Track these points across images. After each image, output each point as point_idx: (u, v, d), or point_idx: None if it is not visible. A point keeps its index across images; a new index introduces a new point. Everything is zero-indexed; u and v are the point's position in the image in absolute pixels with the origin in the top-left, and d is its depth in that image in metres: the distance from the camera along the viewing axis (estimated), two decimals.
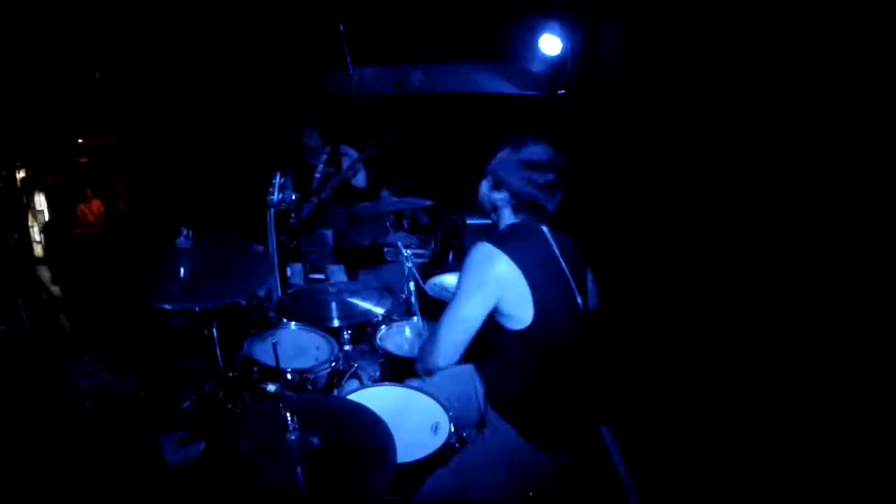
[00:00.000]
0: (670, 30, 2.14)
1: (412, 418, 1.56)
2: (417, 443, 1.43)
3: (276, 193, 2.29)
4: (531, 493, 1.50)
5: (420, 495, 1.35)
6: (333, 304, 2.21)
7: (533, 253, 1.43)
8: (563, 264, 1.48)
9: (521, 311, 1.36)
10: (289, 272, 3.53)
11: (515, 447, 1.45)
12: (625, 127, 2.47)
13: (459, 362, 1.52)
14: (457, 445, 1.49)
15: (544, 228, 1.53)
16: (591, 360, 1.53)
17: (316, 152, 3.73)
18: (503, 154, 1.52)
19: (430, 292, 2.37)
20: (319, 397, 1.73)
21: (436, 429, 1.51)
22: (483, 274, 1.37)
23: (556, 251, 1.49)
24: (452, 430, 1.49)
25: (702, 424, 1.81)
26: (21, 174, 6.52)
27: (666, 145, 2.19)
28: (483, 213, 1.63)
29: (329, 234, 3.70)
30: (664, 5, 2.18)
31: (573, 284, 1.48)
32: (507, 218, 1.53)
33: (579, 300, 1.50)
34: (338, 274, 3.54)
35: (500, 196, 1.51)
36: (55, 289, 4.03)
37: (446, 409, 1.57)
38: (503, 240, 1.44)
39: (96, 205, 7.17)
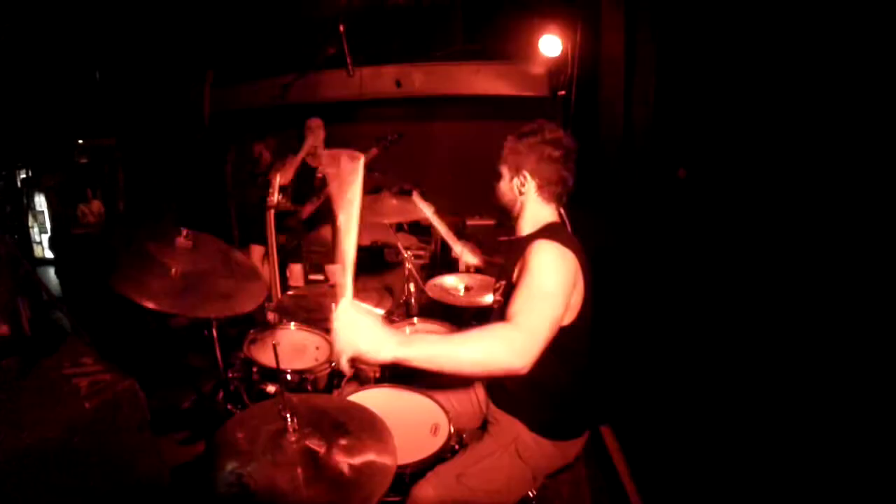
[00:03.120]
0: (673, 28, 2.14)
1: (412, 419, 1.56)
2: (417, 443, 1.43)
3: (276, 194, 2.29)
4: (531, 494, 1.51)
5: (420, 495, 1.35)
6: (333, 305, 2.20)
7: (581, 253, 1.37)
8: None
9: (570, 312, 1.32)
10: (288, 273, 3.53)
11: (521, 441, 1.45)
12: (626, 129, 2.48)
13: None
14: (456, 447, 1.50)
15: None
16: (598, 353, 1.54)
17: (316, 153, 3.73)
18: (518, 139, 1.47)
19: (430, 293, 2.37)
20: (319, 398, 1.73)
21: (435, 430, 1.51)
22: (569, 273, 1.29)
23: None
24: (452, 430, 1.49)
25: (701, 423, 1.81)
26: (21, 174, 6.52)
27: (667, 148, 2.20)
28: (504, 209, 1.56)
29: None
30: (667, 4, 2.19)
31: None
32: (533, 205, 1.48)
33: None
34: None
35: (522, 180, 1.45)
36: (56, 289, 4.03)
37: (446, 410, 1.57)
38: (558, 237, 1.34)
39: (96, 205, 7.16)
